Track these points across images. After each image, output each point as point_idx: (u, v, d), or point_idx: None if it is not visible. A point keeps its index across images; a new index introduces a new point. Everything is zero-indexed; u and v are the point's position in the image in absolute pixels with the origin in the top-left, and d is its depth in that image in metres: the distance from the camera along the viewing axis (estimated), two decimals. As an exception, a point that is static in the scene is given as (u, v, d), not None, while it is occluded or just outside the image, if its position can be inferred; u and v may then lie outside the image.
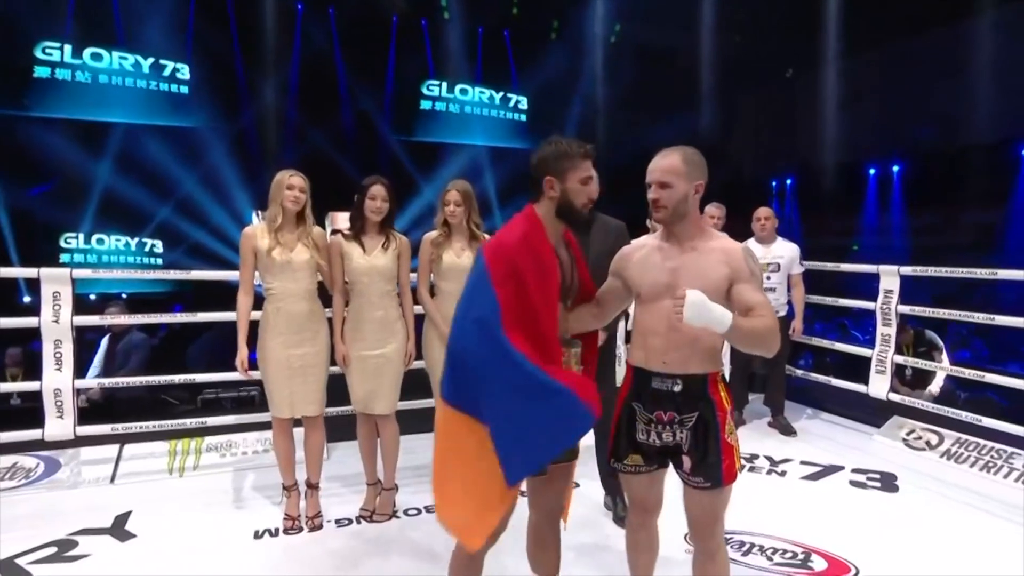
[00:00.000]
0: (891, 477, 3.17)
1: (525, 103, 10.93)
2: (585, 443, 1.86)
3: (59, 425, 3.01)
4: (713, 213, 3.78)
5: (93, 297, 7.24)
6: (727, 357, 3.87)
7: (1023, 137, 8.24)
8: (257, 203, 8.31)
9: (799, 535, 2.53)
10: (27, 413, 3.33)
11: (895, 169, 9.94)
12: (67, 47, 8.07)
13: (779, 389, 3.93)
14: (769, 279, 3.76)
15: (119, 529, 2.63)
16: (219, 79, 8.83)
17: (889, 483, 3.12)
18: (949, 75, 8.35)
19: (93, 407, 3.85)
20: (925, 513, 2.82)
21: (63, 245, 8.39)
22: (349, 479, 3.04)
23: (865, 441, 3.70)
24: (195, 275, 4.01)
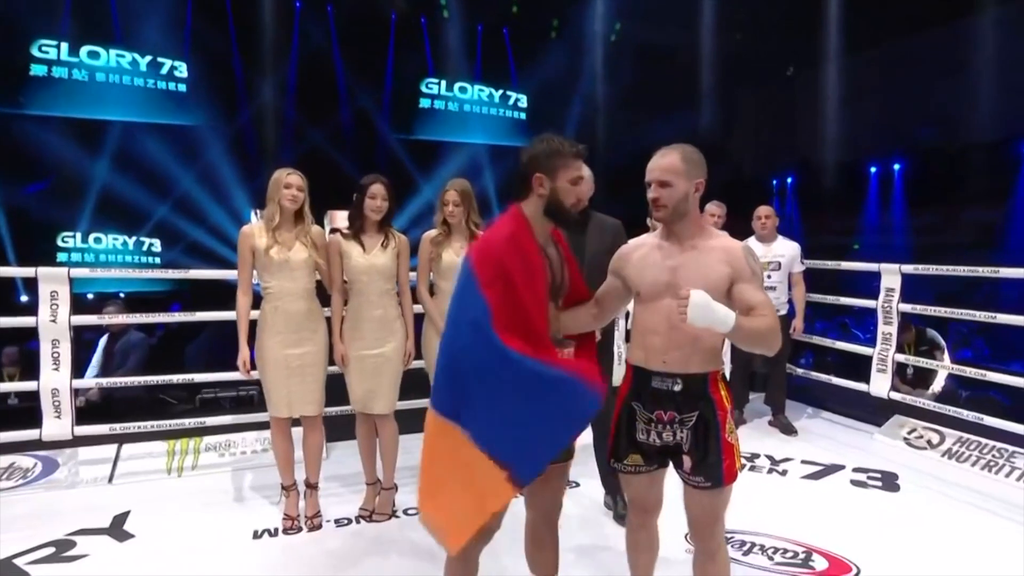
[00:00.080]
0: (892, 476, 3.17)
1: (525, 101, 10.89)
2: (583, 442, 1.84)
3: (57, 425, 3.00)
4: (713, 212, 3.78)
5: (91, 296, 7.20)
6: (728, 356, 3.86)
7: (1024, 135, 8.24)
8: (256, 202, 8.28)
9: (800, 534, 2.52)
10: (24, 413, 3.32)
11: (896, 167, 9.93)
12: (64, 45, 8.02)
13: (780, 388, 3.92)
14: (770, 278, 3.75)
15: (117, 529, 2.62)
16: (217, 77, 8.79)
17: (890, 482, 3.11)
18: (950, 73, 8.33)
19: (91, 407, 3.84)
20: (926, 512, 2.81)
21: (60, 244, 8.35)
22: (348, 479, 3.03)
23: (866, 440, 3.70)
24: (193, 274, 3.99)
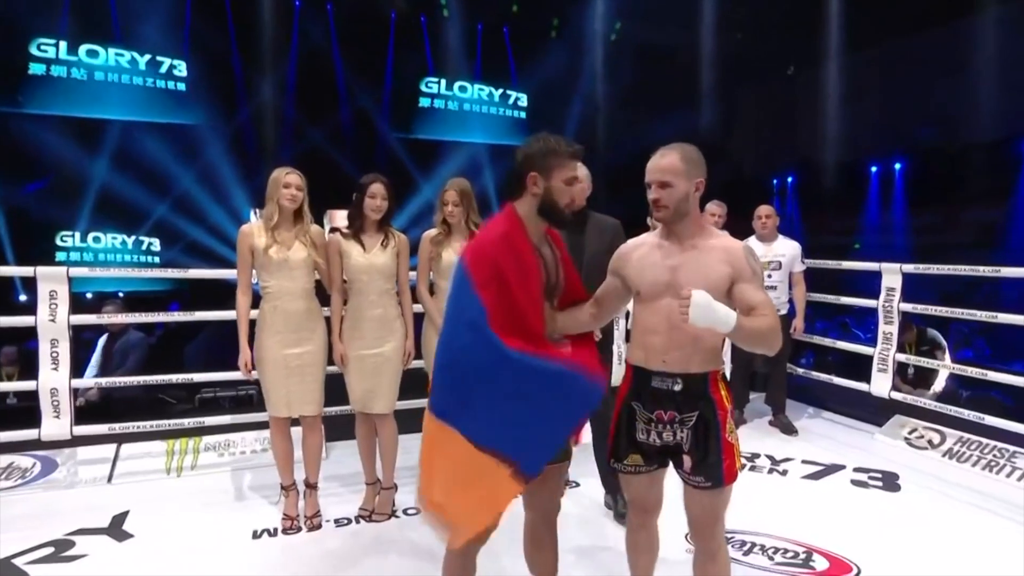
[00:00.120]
0: (893, 476, 3.16)
1: (525, 100, 10.86)
2: (582, 442, 1.84)
3: (56, 425, 3.00)
4: (714, 211, 3.77)
5: (90, 296, 7.19)
6: (728, 356, 3.86)
7: (1025, 134, 8.22)
8: (255, 201, 8.26)
9: (801, 535, 2.52)
10: (23, 413, 3.31)
11: (897, 167, 9.91)
12: (62, 43, 8.00)
13: (780, 388, 3.92)
14: (770, 277, 3.74)
15: (116, 529, 2.62)
16: (216, 76, 8.77)
17: (891, 482, 3.10)
18: (951, 72, 8.32)
19: (90, 407, 3.83)
20: (927, 513, 2.81)
21: (59, 243, 8.33)
22: (348, 478, 3.02)
23: (867, 440, 3.69)
24: (192, 273, 3.98)
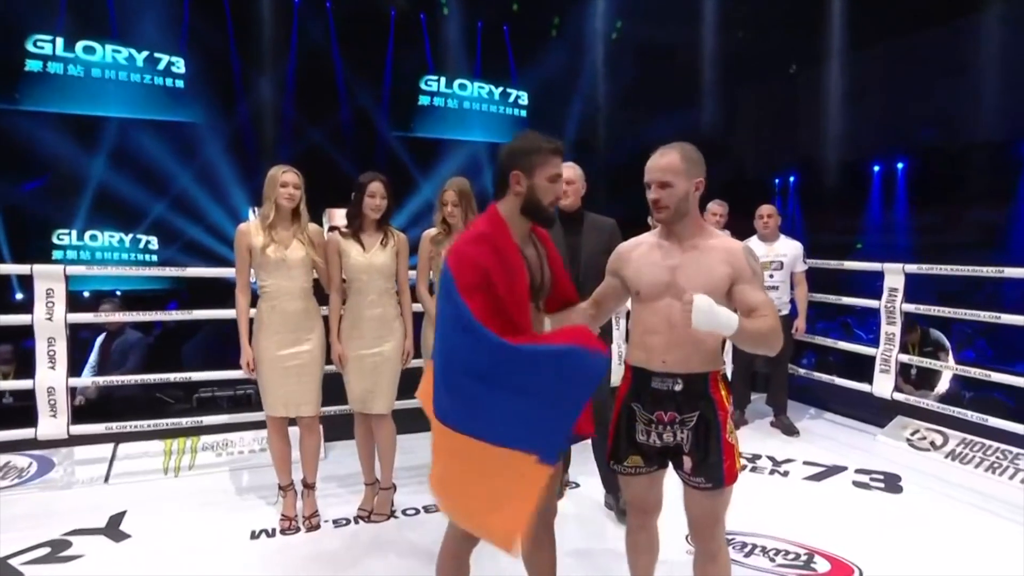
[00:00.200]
0: (895, 478, 3.14)
1: (525, 98, 10.84)
2: (582, 443, 1.82)
3: (52, 424, 2.98)
4: (715, 211, 3.75)
5: (87, 294, 7.17)
6: (729, 356, 3.84)
7: (1028, 135, 8.20)
8: (254, 199, 8.23)
9: (802, 536, 2.51)
10: (20, 412, 3.29)
11: (899, 167, 9.90)
12: (59, 40, 7.96)
13: (782, 388, 3.90)
14: (772, 277, 3.72)
15: (113, 529, 2.60)
16: (215, 73, 8.74)
17: (893, 484, 3.09)
18: (954, 72, 8.30)
19: (88, 406, 3.81)
20: (929, 514, 2.79)
21: (56, 241, 8.31)
22: (346, 479, 3.01)
23: (869, 441, 3.68)
24: (190, 272, 3.97)
